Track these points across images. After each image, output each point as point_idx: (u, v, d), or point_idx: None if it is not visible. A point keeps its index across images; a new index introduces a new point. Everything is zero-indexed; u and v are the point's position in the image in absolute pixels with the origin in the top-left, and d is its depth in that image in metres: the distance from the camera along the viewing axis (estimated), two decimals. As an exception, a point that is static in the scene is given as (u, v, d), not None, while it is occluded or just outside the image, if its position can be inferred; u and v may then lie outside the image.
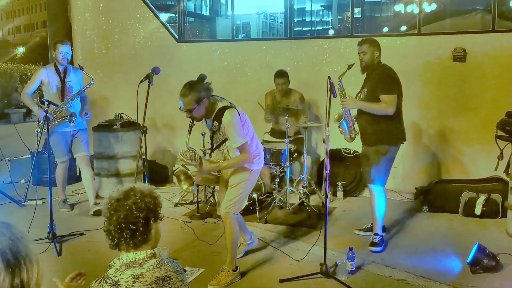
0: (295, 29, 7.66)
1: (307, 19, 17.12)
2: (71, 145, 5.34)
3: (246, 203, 4.83)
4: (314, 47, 6.40)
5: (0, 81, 17.52)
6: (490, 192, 5.08)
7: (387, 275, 3.77)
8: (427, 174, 5.88)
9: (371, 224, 4.48)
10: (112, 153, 5.90)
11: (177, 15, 7.19)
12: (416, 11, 6.22)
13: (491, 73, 5.58)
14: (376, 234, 4.28)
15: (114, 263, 1.86)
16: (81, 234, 4.71)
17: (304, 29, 16.58)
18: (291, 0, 6.64)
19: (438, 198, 5.33)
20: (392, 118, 4.14)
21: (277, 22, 16.47)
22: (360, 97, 4.29)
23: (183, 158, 3.60)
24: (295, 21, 10.30)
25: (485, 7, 6.94)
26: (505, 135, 4.64)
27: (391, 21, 11.13)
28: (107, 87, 7.13)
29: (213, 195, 5.33)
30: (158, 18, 7.07)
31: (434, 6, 7.68)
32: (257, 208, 5.09)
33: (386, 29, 10.15)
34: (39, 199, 5.40)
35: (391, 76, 4.19)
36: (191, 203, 5.65)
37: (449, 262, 3.99)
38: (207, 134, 3.88)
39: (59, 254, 4.24)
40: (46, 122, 4.49)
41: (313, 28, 16.90)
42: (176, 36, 6.99)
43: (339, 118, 4.25)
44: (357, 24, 10.71)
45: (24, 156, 7.28)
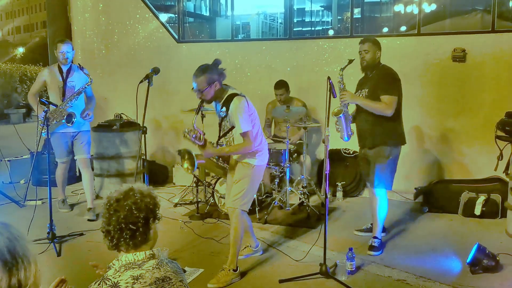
0: (294, 29, 7.66)
1: (307, 19, 17.08)
2: (72, 146, 5.32)
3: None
4: (314, 48, 6.40)
5: (0, 81, 17.51)
6: (489, 192, 5.08)
7: (386, 275, 3.77)
8: (427, 174, 5.89)
9: (371, 224, 4.47)
10: (111, 154, 5.90)
11: (176, 15, 7.18)
12: (415, 11, 6.22)
13: (490, 73, 5.58)
14: (375, 237, 4.24)
15: (113, 264, 1.85)
16: (81, 234, 4.71)
17: (303, 29, 16.55)
18: (291, 1, 6.63)
19: (437, 198, 5.33)
20: (392, 119, 4.09)
21: (277, 22, 16.45)
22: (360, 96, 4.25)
23: (187, 136, 3.66)
24: (295, 21, 10.29)
25: (484, 7, 6.95)
26: (505, 135, 4.64)
27: (391, 22, 11.11)
28: (106, 87, 7.12)
29: (212, 195, 5.32)
30: (157, 18, 7.07)
31: (433, 7, 7.69)
32: (257, 209, 5.09)
33: (385, 30, 10.15)
34: (38, 200, 5.40)
35: (393, 77, 4.14)
36: (191, 203, 5.65)
37: (449, 262, 3.99)
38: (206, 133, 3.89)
39: (59, 254, 4.24)
40: (45, 122, 4.49)
41: (313, 29, 16.86)
42: (176, 37, 7.00)
43: (338, 113, 4.14)
44: (357, 24, 10.69)
45: (24, 157, 7.27)
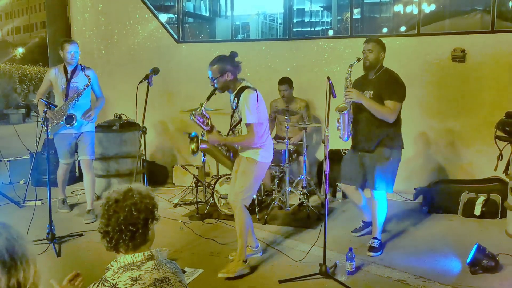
0: (294, 29, 7.65)
1: (307, 19, 17.07)
2: (75, 148, 5.26)
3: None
4: (314, 48, 6.40)
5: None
6: (489, 193, 5.08)
7: (386, 275, 3.77)
8: (427, 175, 5.88)
9: (362, 222, 4.52)
10: (111, 154, 5.89)
11: (176, 15, 7.18)
12: (415, 11, 6.22)
13: (490, 74, 5.58)
14: (375, 238, 4.23)
15: (112, 266, 1.84)
16: (80, 235, 4.70)
17: (303, 29, 16.55)
18: (291, 1, 6.63)
19: (437, 198, 5.33)
20: (393, 123, 4.08)
21: (277, 22, 16.45)
22: None
23: (195, 118, 3.74)
24: (295, 21, 10.30)
25: (484, 8, 6.95)
26: (505, 136, 4.64)
27: (391, 22, 11.12)
28: (106, 87, 7.06)
29: (212, 196, 5.32)
30: (157, 18, 7.07)
31: (433, 7, 7.70)
32: (256, 209, 5.08)
33: (385, 30, 10.16)
34: (38, 200, 5.40)
35: (400, 83, 4.09)
36: (191, 203, 5.65)
37: (449, 262, 3.99)
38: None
39: (58, 255, 4.24)
40: (45, 123, 4.48)
41: (313, 29, 16.87)
42: (176, 37, 6.99)
43: (342, 109, 4.03)
44: (357, 24, 10.69)
45: (23, 157, 7.27)
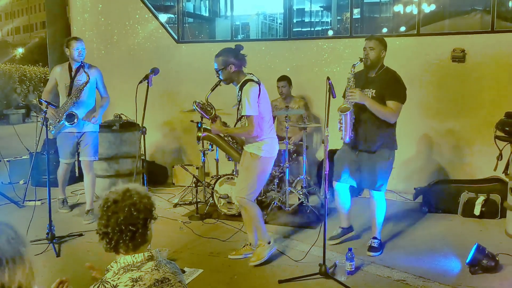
0: (294, 29, 7.66)
1: (306, 19, 17.05)
2: (77, 148, 5.22)
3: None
4: (313, 48, 6.40)
5: (-1, 82, 17.53)
6: (489, 193, 5.08)
7: (386, 275, 3.77)
8: (426, 175, 5.88)
9: (340, 228, 4.44)
10: (111, 154, 5.89)
11: (176, 15, 7.18)
12: (415, 11, 6.22)
13: (490, 74, 5.58)
14: (375, 238, 4.23)
15: (112, 267, 1.84)
16: (80, 235, 4.70)
17: (303, 29, 16.53)
18: (291, 1, 6.63)
19: (437, 198, 5.33)
20: (393, 125, 4.10)
21: (277, 22, 16.46)
22: None
23: (196, 107, 3.79)
24: (294, 21, 10.31)
25: (484, 8, 6.95)
26: (504, 136, 4.64)
27: (390, 22, 11.12)
28: (106, 87, 7.10)
29: (212, 196, 5.32)
30: (157, 18, 7.07)
31: (433, 7, 7.70)
32: (256, 209, 5.08)
33: (385, 30, 10.15)
34: (38, 200, 5.40)
35: (402, 83, 4.08)
36: (190, 203, 5.65)
37: (448, 262, 3.99)
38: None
39: (58, 255, 4.23)
40: (44, 122, 4.47)
41: (312, 29, 16.85)
42: (175, 37, 6.99)
43: (345, 109, 3.97)
44: (356, 24, 10.68)
45: (23, 157, 7.27)
